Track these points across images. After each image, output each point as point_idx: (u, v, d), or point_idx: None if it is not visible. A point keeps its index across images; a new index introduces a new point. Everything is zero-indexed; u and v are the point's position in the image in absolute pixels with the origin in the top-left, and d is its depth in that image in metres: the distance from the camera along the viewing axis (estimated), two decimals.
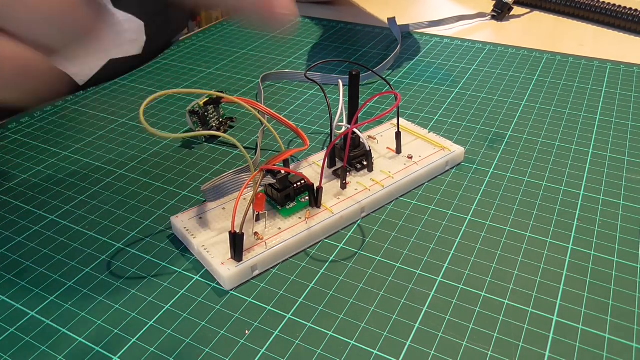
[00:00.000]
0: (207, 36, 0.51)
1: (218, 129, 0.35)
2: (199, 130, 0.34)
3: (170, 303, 0.23)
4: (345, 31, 0.52)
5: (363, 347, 0.21)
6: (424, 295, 0.23)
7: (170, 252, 0.26)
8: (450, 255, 0.25)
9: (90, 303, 0.23)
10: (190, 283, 0.24)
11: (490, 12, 0.54)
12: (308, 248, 0.26)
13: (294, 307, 0.23)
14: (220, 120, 0.36)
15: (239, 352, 0.21)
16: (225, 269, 0.23)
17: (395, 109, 0.27)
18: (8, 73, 0.20)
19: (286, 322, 0.22)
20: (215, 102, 0.35)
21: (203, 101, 0.34)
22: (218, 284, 0.24)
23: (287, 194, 0.26)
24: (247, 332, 0.22)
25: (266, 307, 0.23)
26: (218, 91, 0.37)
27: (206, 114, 0.35)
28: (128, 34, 0.43)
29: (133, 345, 0.21)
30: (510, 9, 0.54)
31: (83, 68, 0.40)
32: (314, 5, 0.58)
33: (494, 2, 0.54)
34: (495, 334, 0.21)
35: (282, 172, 0.26)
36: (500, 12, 0.53)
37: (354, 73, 0.27)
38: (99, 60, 0.41)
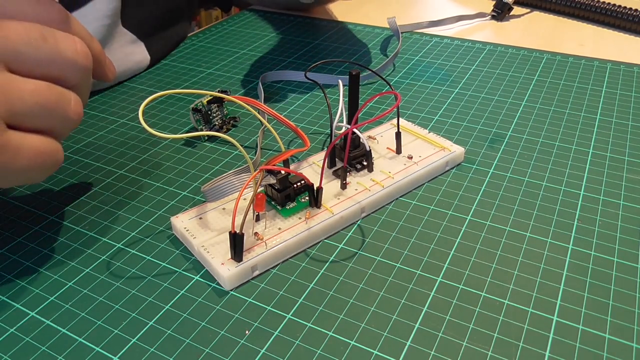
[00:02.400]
0: (207, 36, 0.51)
1: (221, 128, 0.35)
2: (201, 129, 0.35)
3: (170, 303, 0.23)
4: (345, 31, 0.52)
5: (363, 347, 0.21)
6: (424, 295, 0.23)
7: (170, 252, 0.26)
8: (450, 255, 0.25)
9: (90, 303, 0.23)
10: (190, 283, 0.24)
11: (490, 12, 0.54)
12: (308, 248, 0.26)
13: (294, 307, 0.23)
14: (224, 119, 0.36)
15: (239, 352, 0.21)
16: (225, 269, 0.23)
17: (395, 109, 0.27)
18: (25, 163, 0.22)
19: (286, 322, 0.22)
20: (219, 100, 0.35)
21: (207, 99, 0.34)
22: (218, 284, 0.24)
23: (287, 194, 0.26)
24: (247, 332, 0.22)
25: (266, 307, 0.23)
26: (220, 91, 0.37)
27: (209, 112, 0.35)
28: (133, 56, 0.43)
29: (133, 345, 0.21)
30: (510, 9, 0.54)
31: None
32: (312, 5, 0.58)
33: (494, 2, 0.54)
34: (495, 334, 0.21)
35: (282, 172, 0.26)
36: (500, 12, 0.53)
37: (354, 73, 0.27)
38: (107, 84, 0.42)
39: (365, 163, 0.29)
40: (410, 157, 0.30)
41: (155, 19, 0.46)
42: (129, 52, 0.43)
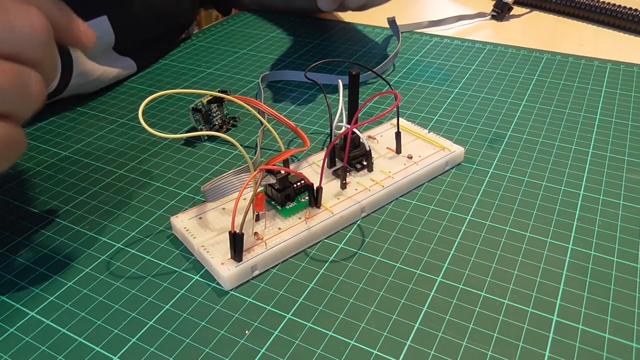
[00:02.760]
0: (207, 36, 0.51)
1: (221, 127, 0.35)
2: (201, 128, 0.35)
3: (170, 303, 0.23)
4: (345, 31, 0.52)
5: (363, 347, 0.21)
6: (424, 295, 0.23)
7: (170, 252, 0.26)
8: (450, 255, 0.25)
9: (90, 303, 0.23)
10: (190, 283, 0.24)
11: (490, 12, 0.54)
12: (308, 248, 0.26)
13: (294, 307, 0.23)
14: (224, 119, 0.36)
15: (239, 352, 0.21)
16: (225, 269, 0.23)
17: (395, 109, 0.27)
18: None
19: (286, 322, 0.22)
20: (219, 100, 0.35)
21: (207, 99, 0.34)
22: (218, 284, 0.24)
23: (287, 194, 0.26)
24: (247, 332, 0.22)
25: (266, 307, 0.23)
26: (220, 91, 0.37)
27: (209, 112, 0.35)
28: (123, 72, 0.43)
29: (133, 345, 0.21)
30: (510, 8, 0.54)
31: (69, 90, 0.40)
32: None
33: (494, 2, 0.54)
34: (495, 334, 0.21)
35: (282, 172, 0.26)
36: (500, 12, 0.53)
37: (354, 73, 0.27)
38: (89, 88, 0.41)
39: (365, 163, 0.29)
40: (410, 157, 0.30)
41: (148, 43, 0.46)
42: (120, 72, 0.43)
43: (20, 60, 0.21)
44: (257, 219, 0.26)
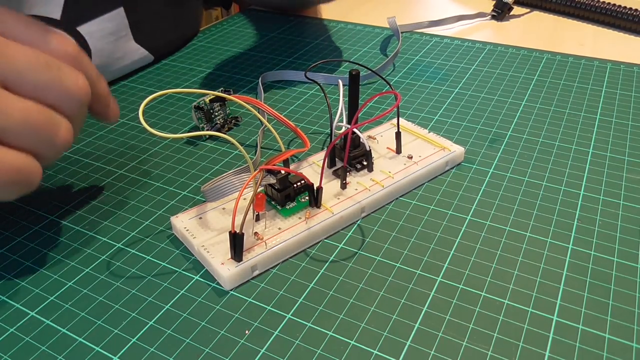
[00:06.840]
0: (207, 36, 0.51)
1: (222, 127, 0.35)
2: (203, 127, 0.35)
3: (170, 303, 0.23)
4: (345, 31, 0.52)
5: (363, 347, 0.21)
6: (424, 295, 0.23)
7: (170, 252, 0.26)
8: (450, 255, 0.25)
9: (90, 303, 0.23)
10: (190, 283, 0.24)
11: (490, 12, 0.54)
12: (308, 248, 0.26)
13: (294, 307, 0.23)
14: (226, 118, 0.36)
15: (239, 352, 0.21)
16: (225, 269, 0.23)
17: (395, 109, 0.27)
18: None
19: (286, 322, 0.22)
20: (221, 99, 0.35)
21: (210, 98, 0.34)
22: (218, 284, 0.24)
23: (287, 194, 0.26)
24: (247, 332, 0.22)
25: (266, 307, 0.23)
26: (223, 90, 0.37)
27: (212, 110, 0.35)
28: (138, 63, 0.45)
29: (133, 345, 0.21)
30: (510, 8, 0.54)
31: None
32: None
33: (494, 2, 0.54)
34: (495, 334, 0.21)
35: (282, 172, 0.26)
36: (500, 12, 0.53)
37: (354, 73, 0.27)
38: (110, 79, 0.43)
39: (365, 163, 0.29)
40: (410, 157, 0.30)
41: (168, 37, 0.47)
42: (138, 62, 0.44)
43: (59, 110, 0.23)
44: (257, 219, 0.26)
